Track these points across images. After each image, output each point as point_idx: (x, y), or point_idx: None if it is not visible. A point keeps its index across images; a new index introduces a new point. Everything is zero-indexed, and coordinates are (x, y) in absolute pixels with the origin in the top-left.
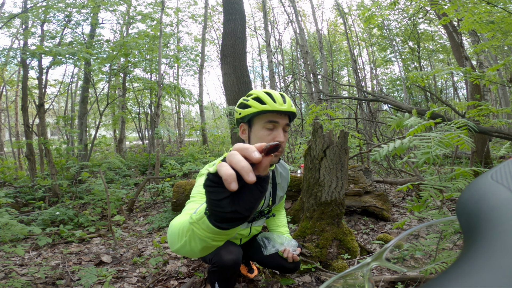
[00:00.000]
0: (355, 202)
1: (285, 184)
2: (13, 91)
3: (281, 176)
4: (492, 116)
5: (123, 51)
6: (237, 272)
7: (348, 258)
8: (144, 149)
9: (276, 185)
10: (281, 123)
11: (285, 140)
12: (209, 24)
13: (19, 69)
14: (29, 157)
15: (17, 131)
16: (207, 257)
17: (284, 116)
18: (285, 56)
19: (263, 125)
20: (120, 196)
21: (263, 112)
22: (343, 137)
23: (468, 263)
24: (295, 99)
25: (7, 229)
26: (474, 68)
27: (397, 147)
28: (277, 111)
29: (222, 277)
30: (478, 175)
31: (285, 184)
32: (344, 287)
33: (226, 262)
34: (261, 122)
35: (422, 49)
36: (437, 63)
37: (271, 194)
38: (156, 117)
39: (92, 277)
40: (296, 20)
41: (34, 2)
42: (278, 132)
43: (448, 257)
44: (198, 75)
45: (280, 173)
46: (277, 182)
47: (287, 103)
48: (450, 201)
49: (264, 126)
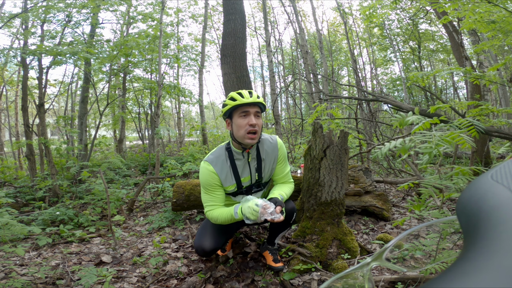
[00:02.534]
0: (355, 202)
1: (273, 157)
2: (13, 91)
3: (266, 152)
4: (492, 116)
5: (123, 51)
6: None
7: (348, 258)
8: (144, 149)
9: (261, 161)
10: (251, 111)
11: (258, 123)
12: (209, 24)
13: (19, 69)
14: (29, 157)
15: (17, 131)
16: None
17: (253, 106)
18: (285, 56)
19: (239, 115)
20: (120, 196)
21: (237, 106)
22: (343, 137)
23: (468, 263)
24: (295, 99)
25: (7, 229)
26: (474, 68)
27: (399, 146)
28: (246, 103)
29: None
30: (478, 174)
31: (272, 157)
32: (344, 287)
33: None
34: (237, 114)
35: (422, 49)
36: (437, 63)
37: (256, 170)
38: (156, 117)
39: (92, 277)
40: (296, 20)
41: (34, 2)
42: (250, 118)
43: (448, 257)
44: (198, 75)
45: (265, 150)
46: (262, 158)
47: (253, 96)
48: (450, 200)
49: (239, 116)
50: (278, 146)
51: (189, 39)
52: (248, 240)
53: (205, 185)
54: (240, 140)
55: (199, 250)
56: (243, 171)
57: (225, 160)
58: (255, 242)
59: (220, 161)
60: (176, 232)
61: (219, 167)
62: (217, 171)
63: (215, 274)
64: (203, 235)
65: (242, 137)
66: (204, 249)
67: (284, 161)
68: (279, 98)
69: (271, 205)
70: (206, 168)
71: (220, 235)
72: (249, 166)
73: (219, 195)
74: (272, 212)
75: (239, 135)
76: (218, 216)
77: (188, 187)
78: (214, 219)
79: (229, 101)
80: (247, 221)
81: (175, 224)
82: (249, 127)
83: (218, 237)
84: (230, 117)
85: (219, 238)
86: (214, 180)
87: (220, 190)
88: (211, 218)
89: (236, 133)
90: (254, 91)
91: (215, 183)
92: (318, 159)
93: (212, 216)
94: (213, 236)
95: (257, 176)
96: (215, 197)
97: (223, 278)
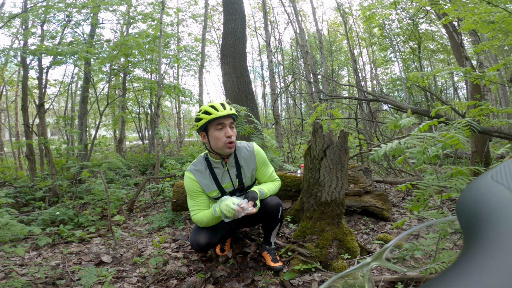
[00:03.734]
0: (355, 202)
1: (251, 164)
2: (13, 91)
3: (244, 159)
4: (492, 116)
5: (123, 51)
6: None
7: (348, 258)
8: (144, 149)
9: (240, 168)
10: (226, 123)
11: (233, 134)
12: (209, 24)
13: (19, 69)
14: (29, 157)
15: (17, 131)
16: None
17: (227, 118)
18: (285, 56)
19: (215, 127)
20: (120, 196)
21: (212, 120)
22: (343, 137)
23: (468, 263)
24: (295, 99)
25: (7, 229)
26: (474, 68)
27: (394, 147)
28: (220, 116)
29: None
30: (477, 174)
31: (250, 164)
32: (344, 287)
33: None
34: (213, 126)
35: (422, 49)
36: (437, 63)
37: (237, 176)
38: (156, 117)
39: (92, 277)
40: (296, 20)
41: (34, 2)
42: (227, 129)
43: (448, 257)
44: (198, 75)
45: (242, 157)
46: (240, 165)
47: (226, 109)
48: (450, 201)
49: (215, 128)
50: (255, 153)
51: (189, 39)
52: (248, 240)
53: (189, 191)
54: (219, 151)
55: (194, 245)
56: (223, 179)
57: (205, 169)
58: (255, 242)
59: (200, 171)
60: (176, 232)
61: (199, 176)
62: (198, 179)
63: (215, 274)
64: (198, 230)
65: (221, 148)
66: (199, 243)
67: (263, 164)
68: (279, 98)
69: (244, 201)
70: (188, 176)
71: (215, 232)
72: (228, 173)
73: (202, 200)
74: (245, 207)
75: (218, 147)
76: (202, 218)
77: None
78: (199, 221)
79: (203, 115)
80: (226, 220)
81: (175, 224)
82: (227, 139)
83: (213, 232)
84: (205, 130)
85: (213, 233)
86: (196, 187)
87: (203, 196)
88: (196, 221)
89: (215, 145)
90: (225, 102)
91: (198, 190)
92: (318, 159)
93: (197, 219)
94: (207, 232)
95: (238, 182)
96: (199, 202)
97: (223, 278)
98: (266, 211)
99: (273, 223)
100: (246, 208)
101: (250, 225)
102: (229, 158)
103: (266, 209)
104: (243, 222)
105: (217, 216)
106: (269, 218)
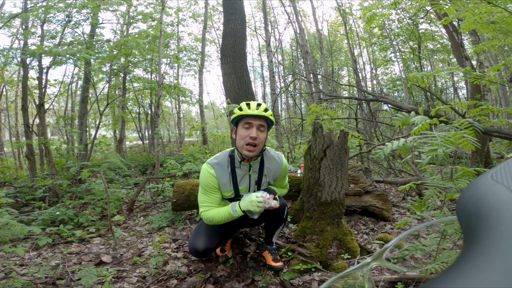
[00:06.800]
0: (355, 202)
1: (275, 175)
2: (13, 91)
3: (268, 169)
4: (492, 116)
5: (123, 51)
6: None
7: (348, 258)
8: (144, 149)
9: (262, 176)
10: (255, 124)
11: (259, 136)
12: (209, 24)
13: (19, 69)
14: (29, 157)
15: (17, 131)
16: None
17: (258, 119)
18: (285, 56)
19: (242, 125)
20: (120, 196)
21: (242, 116)
22: (343, 137)
23: (468, 263)
24: (295, 99)
25: (7, 229)
26: (474, 68)
27: (401, 146)
28: (250, 115)
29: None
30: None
31: (274, 175)
32: (344, 287)
33: (199, 249)
34: (242, 124)
35: (422, 49)
36: (437, 63)
37: (256, 183)
38: (156, 117)
39: (92, 277)
40: (296, 20)
41: (34, 2)
42: (252, 130)
43: (448, 257)
44: (198, 75)
45: (268, 168)
46: (264, 174)
47: (260, 109)
48: (451, 201)
49: (243, 126)
50: (282, 167)
51: (189, 39)
52: (248, 240)
53: (204, 186)
54: (239, 150)
55: (192, 251)
56: (242, 181)
57: (227, 167)
58: (255, 242)
59: (222, 167)
60: (176, 232)
61: (219, 172)
62: (217, 175)
63: (215, 274)
64: (197, 235)
65: (241, 147)
66: (197, 249)
67: (285, 176)
68: (279, 98)
69: (265, 193)
70: (207, 170)
71: (214, 236)
72: (249, 178)
73: (216, 197)
74: (269, 199)
75: (239, 145)
76: (214, 216)
77: (188, 187)
78: (210, 219)
79: (236, 110)
80: (253, 216)
81: (175, 224)
82: (248, 139)
83: (212, 237)
84: (236, 125)
85: (212, 238)
86: (213, 183)
87: (217, 193)
88: (206, 219)
89: (238, 142)
90: (264, 103)
91: (214, 186)
92: (318, 159)
93: (207, 216)
94: (206, 237)
95: (256, 188)
96: (212, 199)
97: (223, 278)
98: (272, 211)
99: (278, 223)
100: (269, 199)
101: (251, 225)
102: (250, 160)
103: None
104: (243, 223)
105: (235, 216)
106: (274, 218)
